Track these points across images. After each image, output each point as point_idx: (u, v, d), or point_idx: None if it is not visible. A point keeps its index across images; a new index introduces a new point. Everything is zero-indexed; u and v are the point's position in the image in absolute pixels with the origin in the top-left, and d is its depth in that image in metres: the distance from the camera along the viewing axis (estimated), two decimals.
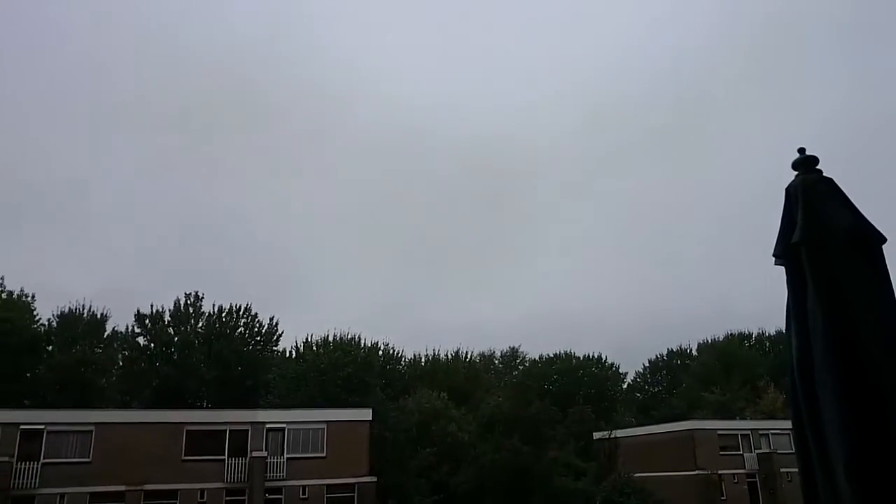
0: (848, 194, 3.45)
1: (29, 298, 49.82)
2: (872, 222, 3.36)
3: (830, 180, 3.50)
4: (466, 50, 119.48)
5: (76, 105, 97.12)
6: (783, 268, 3.43)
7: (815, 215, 3.32)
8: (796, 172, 3.56)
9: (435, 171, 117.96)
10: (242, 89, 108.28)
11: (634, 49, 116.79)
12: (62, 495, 32.67)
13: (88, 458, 33.93)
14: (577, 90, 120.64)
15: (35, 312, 49.99)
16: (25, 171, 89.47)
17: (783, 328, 3.46)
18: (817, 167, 3.56)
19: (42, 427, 33.82)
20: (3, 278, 48.97)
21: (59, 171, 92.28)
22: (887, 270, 3.24)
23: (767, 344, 72.30)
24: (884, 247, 3.30)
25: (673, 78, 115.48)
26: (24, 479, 32.33)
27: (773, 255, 3.47)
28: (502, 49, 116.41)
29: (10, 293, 49.05)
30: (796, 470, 3.26)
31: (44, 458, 33.17)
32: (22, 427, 33.49)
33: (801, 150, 3.60)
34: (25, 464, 32.64)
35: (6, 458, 32.25)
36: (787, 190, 3.51)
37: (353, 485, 37.27)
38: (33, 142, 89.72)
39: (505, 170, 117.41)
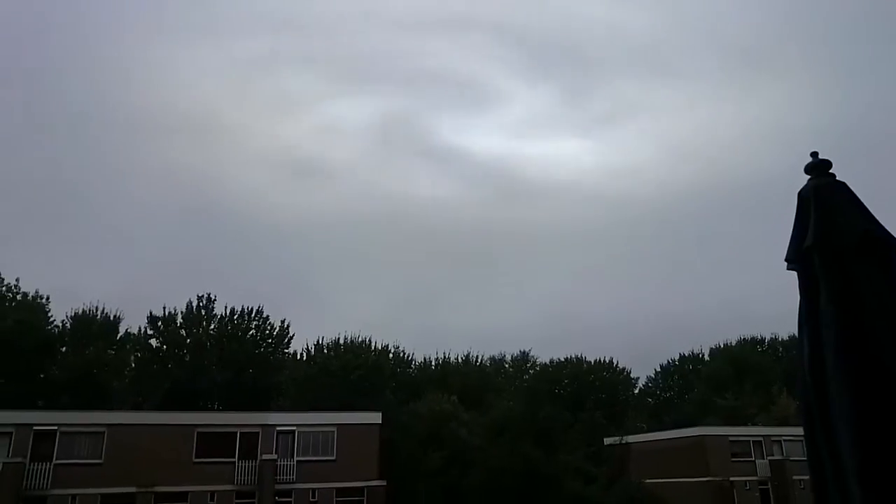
0: (862, 198, 3.41)
1: (43, 300, 50.21)
2: (886, 227, 3.32)
3: (843, 184, 3.46)
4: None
5: (88, 112, 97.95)
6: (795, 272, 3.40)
7: (828, 220, 3.28)
8: (809, 177, 3.53)
9: (449, 177, 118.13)
10: (255, 88, 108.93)
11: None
12: (74, 496, 32.88)
13: (100, 459, 34.15)
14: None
15: (49, 314, 50.37)
16: (40, 173, 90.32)
17: (796, 333, 3.42)
18: (830, 171, 3.53)
19: (55, 428, 34.08)
20: (18, 280, 49.43)
21: (71, 174, 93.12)
22: None
23: (780, 349, 71.60)
24: None
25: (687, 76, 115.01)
26: (36, 479, 32.59)
27: (786, 260, 3.43)
28: None
29: (25, 294, 49.43)
30: (809, 477, 3.22)
31: (56, 459, 33.41)
32: (35, 428, 33.77)
33: (815, 154, 3.56)
34: (38, 464, 32.89)
35: (19, 459, 32.51)
36: (800, 194, 3.47)
37: (362, 488, 37.27)
38: (50, 146, 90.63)
39: (518, 177, 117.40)
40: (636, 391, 75.51)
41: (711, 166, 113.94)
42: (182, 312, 52.96)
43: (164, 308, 52.75)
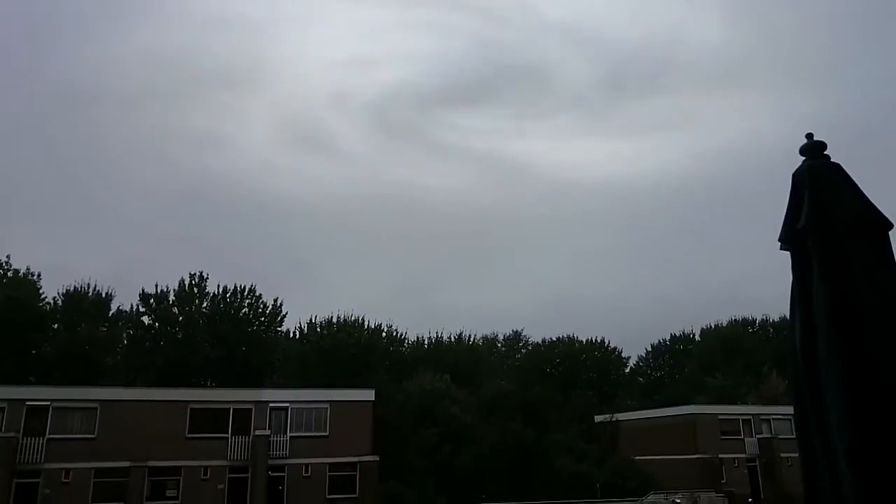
0: (856, 180, 3.41)
1: (35, 277, 49.95)
2: (880, 208, 3.32)
3: (838, 166, 3.45)
4: None
5: (82, 87, 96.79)
6: (789, 253, 3.40)
7: (822, 201, 3.28)
8: (804, 158, 3.52)
9: (447, 162, 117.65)
10: (254, 63, 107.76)
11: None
12: (67, 470, 33.05)
13: (93, 434, 34.28)
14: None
15: (41, 291, 50.13)
16: (32, 150, 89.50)
17: (787, 314, 3.43)
18: (825, 152, 3.52)
19: (47, 404, 34.13)
20: (9, 257, 49.16)
21: (64, 151, 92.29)
22: (894, 256, 3.20)
23: (771, 330, 72.09)
24: (891, 233, 3.26)
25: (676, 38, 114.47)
26: (29, 454, 32.73)
27: (779, 241, 3.43)
28: None
29: (17, 271, 49.16)
30: (797, 455, 3.25)
31: (49, 434, 33.53)
32: (28, 403, 33.82)
33: (809, 136, 3.55)
34: (31, 439, 33.01)
35: (12, 434, 32.61)
36: (794, 175, 3.47)
37: (355, 463, 37.56)
38: (41, 128, 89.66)
39: (516, 164, 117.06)
40: (627, 370, 76.04)
41: (708, 153, 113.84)
42: (174, 290, 52.85)
43: (157, 286, 52.67)
